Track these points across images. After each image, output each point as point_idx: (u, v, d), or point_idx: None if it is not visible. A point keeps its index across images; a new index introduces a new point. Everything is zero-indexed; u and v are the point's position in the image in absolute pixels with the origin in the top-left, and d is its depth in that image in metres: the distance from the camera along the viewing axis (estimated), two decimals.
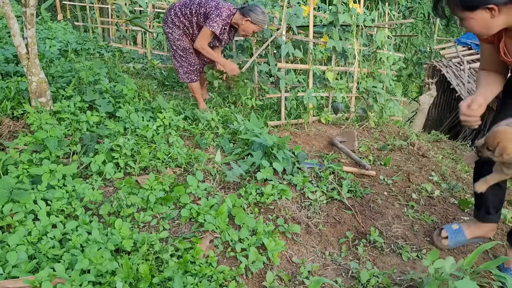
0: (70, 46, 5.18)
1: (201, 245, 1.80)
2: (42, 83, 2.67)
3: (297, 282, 1.78)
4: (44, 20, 6.80)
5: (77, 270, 1.45)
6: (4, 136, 2.50)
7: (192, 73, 3.50)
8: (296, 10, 3.64)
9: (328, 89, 3.87)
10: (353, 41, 3.77)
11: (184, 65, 3.45)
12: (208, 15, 3.20)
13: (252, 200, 2.19)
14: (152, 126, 2.73)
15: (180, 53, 3.41)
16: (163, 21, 3.36)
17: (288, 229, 2.04)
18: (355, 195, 2.50)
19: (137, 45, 6.90)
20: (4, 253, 1.53)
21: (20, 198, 1.77)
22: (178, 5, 3.32)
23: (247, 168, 2.50)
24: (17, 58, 3.64)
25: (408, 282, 1.79)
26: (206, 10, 3.21)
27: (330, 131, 3.63)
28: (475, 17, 1.54)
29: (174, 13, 3.29)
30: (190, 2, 3.28)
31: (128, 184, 2.10)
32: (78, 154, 2.39)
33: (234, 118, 3.25)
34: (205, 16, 3.22)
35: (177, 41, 3.35)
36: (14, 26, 2.47)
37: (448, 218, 2.41)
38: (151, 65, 5.29)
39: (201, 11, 3.22)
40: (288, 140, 2.65)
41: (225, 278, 1.65)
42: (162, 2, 6.82)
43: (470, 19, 1.55)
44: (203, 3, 3.23)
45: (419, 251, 2.08)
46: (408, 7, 10.27)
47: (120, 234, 1.71)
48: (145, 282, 1.50)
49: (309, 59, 3.66)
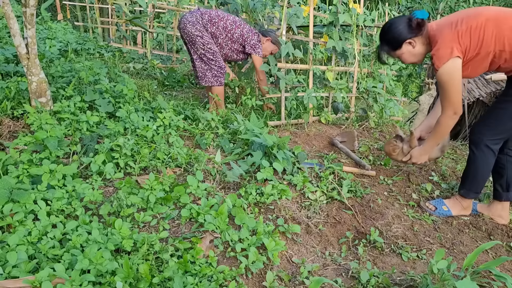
0: (70, 46, 5.18)
1: (201, 245, 1.79)
2: (42, 83, 2.67)
3: (297, 282, 1.78)
4: (44, 20, 6.81)
5: (77, 270, 1.45)
6: (4, 136, 2.51)
7: (222, 76, 3.52)
8: (296, 10, 3.64)
9: (328, 89, 3.87)
10: (353, 41, 3.77)
11: (214, 68, 3.46)
12: (247, 39, 3.46)
13: (252, 200, 2.19)
14: (152, 126, 2.73)
15: (209, 56, 3.41)
16: (189, 24, 3.31)
17: (288, 229, 2.04)
18: (355, 195, 2.50)
19: (137, 45, 6.90)
20: (4, 253, 1.53)
21: (20, 198, 1.77)
22: (214, 13, 3.40)
23: (247, 168, 2.50)
24: (17, 58, 3.64)
25: (408, 282, 1.79)
26: (242, 31, 3.44)
27: (330, 131, 3.63)
28: (403, 51, 2.18)
29: (209, 19, 3.35)
30: (225, 16, 3.42)
31: (128, 184, 2.10)
32: (78, 154, 2.39)
33: (234, 118, 3.25)
34: (240, 36, 3.45)
35: (207, 44, 3.36)
36: (14, 26, 2.47)
37: (448, 218, 2.41)
38: (151, 65, 5.29)
39: (237, 31, 3.44)
40: (288, 140, 2.65)
41: (225, 278, 1.65)
42: (162, 2, 6.83)
43: (401, 55, 2.20)
44: (237, 23, 3.45)
45: (419, 251, 2.08)
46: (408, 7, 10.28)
47: (120, 234, 1.71)
48: (145, 282, 1.50)
49: (309, 59, 3.66)
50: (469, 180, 2.35)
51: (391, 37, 2.16)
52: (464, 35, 1.99)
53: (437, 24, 2.11)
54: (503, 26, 1.96)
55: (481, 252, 1.77)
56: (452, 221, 2.39)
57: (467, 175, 2.36)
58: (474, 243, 2.22)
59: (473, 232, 2.31)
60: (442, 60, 2.01)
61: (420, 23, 2.09)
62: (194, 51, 3.43)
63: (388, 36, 2.18)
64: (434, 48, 2.06)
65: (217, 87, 3.53)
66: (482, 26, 1.97)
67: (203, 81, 3.52)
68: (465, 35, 1.98)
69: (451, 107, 2.10)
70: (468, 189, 2.36)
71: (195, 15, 3.35)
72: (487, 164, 2.26)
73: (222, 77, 3.52)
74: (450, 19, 2.08)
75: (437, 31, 2.07)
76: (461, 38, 1.99)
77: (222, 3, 4.07)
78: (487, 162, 2.25)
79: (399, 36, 2.13)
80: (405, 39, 2.13)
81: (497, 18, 1.98)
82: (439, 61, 2.02)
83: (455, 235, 2.26)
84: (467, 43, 1.99)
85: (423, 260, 2.02)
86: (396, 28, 2.13)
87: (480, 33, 1.97)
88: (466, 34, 1.98)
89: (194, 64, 3.54)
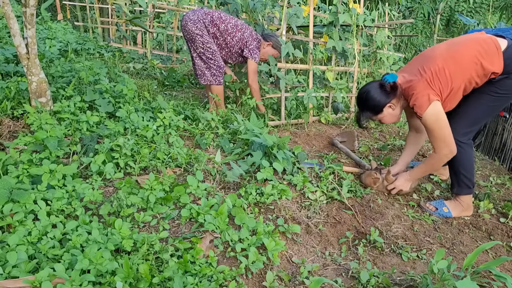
0: (70, 46, 5.18)
1: (201, 245, 1.79)
2: (42, 83, 2.67)
3: (297, 282, 1.77)
4: (44, 20, 6.81)
5: (77, 270, 1.45)
6: (4, 136, 2.50)
7: (220, 75, 3.52)
8: (296, 10, 3.64)
9: (328, 89, 3.87)
10: (353, 41, 3.77)
11: (213, 67, 3.46)
12: (246, 43, 3.45)
13: (252, 200, 2.19)
14: (152, 126, 2.73)
15: (208, 55, 3.41)
16: (191, 22, 3.31)
17: (288, 229, 2.04)
18: (355, 195, 2.50)
19: (137, 45, 6.90)
20: (4, 253, 1.53)
21: (20, 198, 1.77)
22: (217, 14, 3.40)
23: (247, 168, 2.50)
24: (17, 58, 3.64)
25: (408, 282, 1.79)
26: (242, 35, 3.44)
27: (330, 131, 3.63)
28: (384, 115, 2.31)
29: (211, 20, 3.36)
30: (227, 18, 3.42)
31: (128, 184, 2.10)
32: (78, 154, 2.39)
33: (234, 118, 3.25)
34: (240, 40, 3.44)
35: (206, 43, 3.36)
36: (14, 26, 2.47)
37: (448, 218, 2.41)
38: (151, 65, 5.30)
39: (238, 35, 3.44)
40: (288, 140, 2.65)
41: (225, 278, 1.65)
42: (162, 2, 6.83)
43: (382, 118, 2.32)
44: (239, 27, 3.44)
45: (419, 251, 2.08)
46: (408, 7, 10.27)
47: (120, 234, 1.71)
48: (145, 282, 1.50)
49: (309, 59, 3.66)
50: (458, 177, 2.37)
51: (371, 104, 2.27)
52: (433, 80, 2.13)
53: (403, 76, 2.25)
54: (460, 60, 2.12)
55: (481, 252, 1.77)
56: (452, 221, 2.39)
57: (454, 173, 2.39)
58: (474, 243, 2.22)
59: (473, 232, 2.31)
60: (423, 108, 2.13)
61: (393, 87, 2.22)
62: (194, 49, 3.44)
63: (368, 104, 2.28)
64: (411, 100, 2.18)
65: (216, 86, 3.53)
66: (443, 68, 2.12)
67: (202, 80, 3.53)
68: (434, 80, 2.13)
69: (446, 147, 2.20)
70: (460, 185, 2.38)
71: (197, 14, 3.36)
72: (469, 157, 2.32)
73: (221, 76, 3.52)
74: (412, 71, 2.23)
75: (407, 86, 2.20)
76: (432, 83, 2.13)
77: (222, 3, 4.07)
78: (469, 155, 2.31)
79: (379, 102, 2.25)
80: (385, 104, 2.25)
81: (451, 56, 2.14)
82: (420, 110, 2.14)
83: (455, 235, 2.26)
84: (439, 85, 2.14)
85: (423, 260, 2.02)
86: (374, 95, 2.25)
87: (445, 74, 2.12)
88: (434, 78, 2.13)
89: (194, 62, 3.55)
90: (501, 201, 2.64)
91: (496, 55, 2.08)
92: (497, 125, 3.44)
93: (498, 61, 2.08)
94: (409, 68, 2.28)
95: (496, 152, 3.44)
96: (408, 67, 2.30)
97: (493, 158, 3.45)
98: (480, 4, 10.28)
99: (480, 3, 10.30)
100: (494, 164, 3.36)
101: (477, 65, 2.09)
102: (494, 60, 2.08)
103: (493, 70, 2.09)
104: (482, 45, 2.11)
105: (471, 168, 2.35)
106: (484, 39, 2.14)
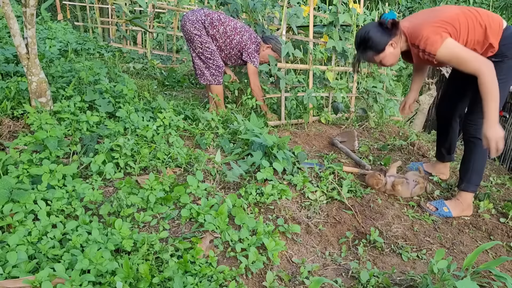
0: (70, 46, 5.18)
1: (201, 245, 1.79)
2: (42, 83, 2.67)
3: (297, 282, 1.77)
4: (44, 20, 6.81)
5: (77, 270, 1.45)
6: (4, 136, 2.50)
7: (220, 75, 3.51)
8: (296, 10, 3.64)
9: (328, 89, 3.87)
10: (353, 41, 3.77)
11: (212, 67, 3.46)
12: (245, 47, 3.45)
13: (252, 200, 2.19)
14: (152, 126, 2.73)
15: (207, 55, 3.41)
16: (189, 22, 3.32)
17: (288, 229, 2.04)
18: (355, 195, 2.50)
19: (137, 45, 6.90)
20: (4, 253, 1.53)
21: (20, 198, 1.77)
22: (216, 16, 3.40)
23: (247, 168, 2.50)
24: (17, 58, 3.64)
25: (408, 282, 1.79)
26: (241, 39, 3.44)
27: (330, 131, 3.63)
28: (386, 54, 2.20)
29: (210, 21, 3.35)
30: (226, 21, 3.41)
31: (128, 184, 2.10)
32: (78, 154, 2.39)
33: (234, 118, 3.25)
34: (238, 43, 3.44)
35: (205, 43, 3.36)
36: (14, 26, 2.47)
37: (448, 218, 2.41)
38: (151, 65, 5.30)
39: (236, 38, 3.43)
40: (288, 140, 2.65)
41: (225, 278, 1.65)
42: (162, 2, 6.83)
43: (384, 57, 2.22)
44: (238, 29, 3.43)
45: (419, 251, 2.08)
46: (408, 7, 10.26)
47: (120, 234, 1.71)
48: (145, 282, 1.50)
49: (309, 59, 3.66)
50: (470, 173, 2.35)
51: (373, 42, 2.17)
52: (445, 23, 2.05)
53: (410, 21, 2.18)
54: (470, 17, 2.09)
55: (481, 252, 1.77)
56: (452, 221, 2.39)
57: (467, 168, 2.36)
58: (474, 243, 2.22)
59: (473, 232, 2.31)
60: (436, 45, 2.03)
61: (394, 23, 2.13)
62: (193, 49, 3.44)
63: (369, 43, 2.18)
64: (420, 42, 2.08)
65: (215, 86, 3.53)
66: (456, 18, 2.08)
67: (201, 79, 3.54)
68: (445, 24, 2.05)
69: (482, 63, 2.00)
70: (468, 182, 2.37)
71: (196, 14, 3.35)
72: (485, 153, 2.30)
73: (220, 76, 3.52)
74: (420, 16, 2.18)
75: (415, 27, 2.12)
76: (444, 26, 2.05)
77: (222, 3, 4.06)
78: (485, 151, 2.27)
79: (380, 40, 2.16)
80: (387, 41, 2.16)
81: (463, 12, 2.11)
82: (433, 47, 2.03)
83: (455, 235, 2.26)
84: (450, 29, 2.05)
85: (423, 260, 2.02)
86: (376, 33, 2.16)
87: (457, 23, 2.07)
88: (445, 23, 2.06)
89: (193, 62, 3.55)
90: (501, 201, 2.64)
91: (497, 29, 2.10)
92: None
93: (497, 36, 2.10)
94: (416, 17, 2.22)
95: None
96: (415, 17, 2.24)
97: (493, 158, 3.45)
98: (480, 4, 10.28)
99: (480, 3, 10.29)
100: (494, 164, 3.36)
101: (482, 29, 2.09)
102: (495, 33, 2.10)
103: (491, 41, 2.09)
104: (489, 16, 2.13)
105: (483, 165, 2.35)
106: (492, 13, 2.15)
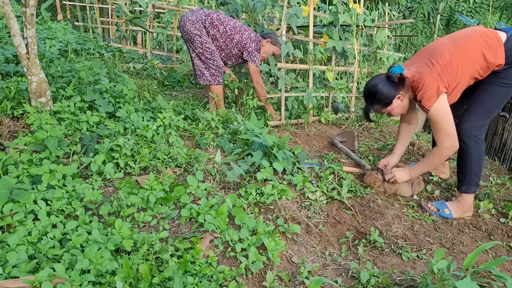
0: (70, 46, 5.18)
1: (201, 245, 1.79)
2: (42, 83, 2.67)
3: (297, 282, 1.77)
4: (44, 20, 6.81)
5: (77, 270, 1.45)
6: (4, 136, 2.50)
7: (220, 75, 3.52)
8: (296, 10, 3.64)
9: (328, 89, 3.87)
10: (353, 41, 3.77)
11: (212, 67, 3.46)
12: (245, 46, 3.46)
13: (252, 200, 2.19)
14: (152, 126, 2.73)
15: (207, 55, 3.41)
16: (189, 22, 3.32)
17: (288, 229, 2.04)
18: (355, 195, 2.50)
19: (137, 45, 6.90)
20: (4, 253, 1.53)
21: (20, 198, 1.77)
22: (216, 16, 3.40)
23: (247, 168, 2.50)
24: (17, 58, 3.64)
25: (408, 282, 1.79)
26: (241, 38, 3.45)
27: (330, 131, 3.63)
28: (394, 106, 2.29)
29: (210, 21, 3.36)
30: (226, 20, 3.41)
31: (128, 184, 2.10)
32: (78, 154, 2.39)
33: (234, 118, 3.25)
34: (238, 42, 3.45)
35: (205, 43, 3.36)
36: (14, 26, 2.47)
37: (448, 218, 2.41)
38: (151, 65, 5.30)
39: (236, 37, 3.44)
40: (288, 140, 2.65)
41: (225, 278, 1.65)
42: (162, 2, 6.83)
43: (392, 110, 2.31)
44: (237, 29, 3.44)
45: (419, 251, 2.08)
46: (408, 7, 10.26)
47: (120, 234, 1.71)
48: (145, 282, 1.50)
49: (309, 59, 3.66)
50: (467, 175, 2.35)
51: (381, 96, 2.26)
52: (443, 71, 2.14)
53: (411, 70, 2.24)
54: (466, 53, 2.14)
55: (481, 252, 1.77)
56: (452, 221, 2.39)
57: (464, 170, 2.36)
58: (474, 243, 2.22)
59: (473, 232, 2.31)
60: (432, 100, 2.14)
61: (400, 78, 2.21)
62: (193, 50, 3.44)
63: (377, 96, 2.27)
64: (420, 92, 2.18)
65: (215, 86, 3.53)
66: (450, 61, 2.13)
67: (201, 80, 3.53)
68: (443, 71, 2.14)
69: (449, 141, 2.21)
70: (468, 183, 2.37)
71: (196, 14, 3.35)
72: (481, 153, 2.31)
73: (220, 76, 3.52)
74: (419, 64, 2.23)
75: (415, 78, 2.19)
76: (442, 74, 2.14)
77: (222, 3, 4.07)
78: (481, 151, 2.30)
79: (388, 94, 2.24)
80: (394, 95, 2.24)
81: (458, 49, 2.16)
82: (429, 102, 2.15)
83: (455, 235, 2.26)
84: (447, 78, 2.14)
85: (423, 260, 2.02)
86: (383, 87, 2.24)
87: (453, 67, 2.13)
88: (443, 70, 2.13)
89: (193, 62, 3.55)
90: (501, 201, 2.64)
91: (498, 47, 2.12)
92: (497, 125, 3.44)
93: (500, 53, 2.12)
94: (415, 61, 2.27)
95: (496, 152, 3.44)
96: (414, 61, 2.29)
97: (493, 158, 3.45)
98: (480, 4, 10.28)
99: (480, 3, 10.29)
100: (494, 164, 3.36)
101: (481, 58, 2.12)
102: (497, 52, 2.12)
103: (496, 62, 2.12)
104: (485, 38, 2.14)
105: (481, 165, 2.36)
106: (486, 32, 2.17)
